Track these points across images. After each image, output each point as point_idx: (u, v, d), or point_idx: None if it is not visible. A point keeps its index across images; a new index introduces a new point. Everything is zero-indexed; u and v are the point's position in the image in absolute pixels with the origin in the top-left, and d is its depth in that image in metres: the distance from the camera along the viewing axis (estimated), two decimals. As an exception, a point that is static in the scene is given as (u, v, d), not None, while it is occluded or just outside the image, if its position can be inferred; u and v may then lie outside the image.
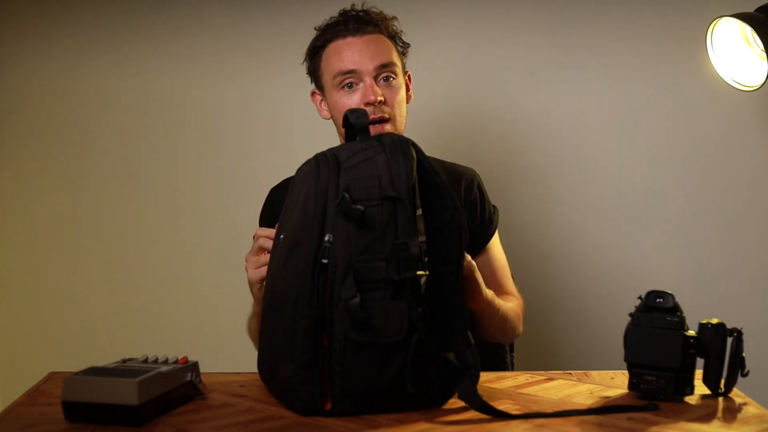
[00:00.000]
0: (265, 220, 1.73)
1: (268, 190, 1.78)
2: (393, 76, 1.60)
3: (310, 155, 1.77)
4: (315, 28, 1.65)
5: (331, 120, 1.70)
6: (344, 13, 1.62)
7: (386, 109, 1.58)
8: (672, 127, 2.27)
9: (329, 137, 2.25)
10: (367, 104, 1.56)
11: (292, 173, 1.74)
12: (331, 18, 1.63)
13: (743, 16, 1.83)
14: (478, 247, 1.68)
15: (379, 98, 1.56)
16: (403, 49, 1.67)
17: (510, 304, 1.60)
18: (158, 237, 2.31)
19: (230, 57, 2.29)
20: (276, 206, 1.69)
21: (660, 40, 2.25)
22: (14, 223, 2.31)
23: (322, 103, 1.67)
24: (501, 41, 2.28)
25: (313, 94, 1.70)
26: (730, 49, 1.93)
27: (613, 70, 2.27)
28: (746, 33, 1.91)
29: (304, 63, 1.68)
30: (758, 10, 1.87)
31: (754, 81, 1.90)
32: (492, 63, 2.28)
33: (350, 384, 1.08)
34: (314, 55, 1.66)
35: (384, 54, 1.59)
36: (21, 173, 2.30)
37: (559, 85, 2.28)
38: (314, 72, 1.67)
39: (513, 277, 1.73)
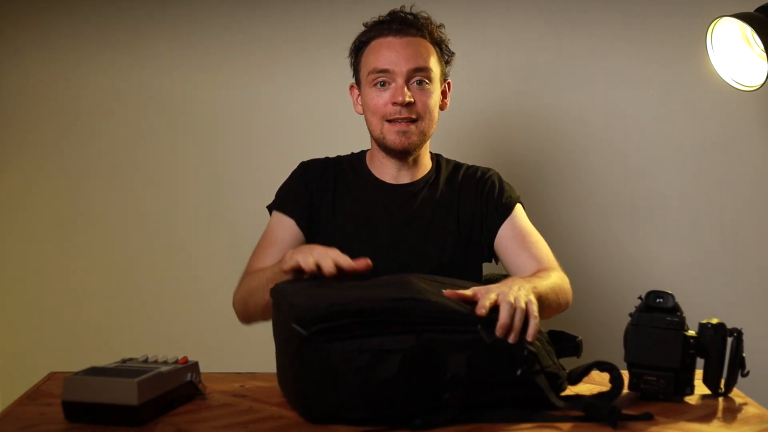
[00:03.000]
0: (295, 188, 1.71)
1: (268, 188, 1.77)
2: (426, 81, 1.62)
3: (309, 153, 1.79)
4: (363, 24, 1.68)
5: (350, 118, 1.75)
6: (392, 13, 1.65)
7: (414, 110, 1.61)
8: (672, 127, 2.27)
9: (329, 136, 2.26)
10: (395, 104, 1.60)
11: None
12: (380, 16, 1.66)
13: (743, 16, 1.83)
14: (499, 221, 1.68)
15: (408, 99, 1.59)
16: (448, 57, 1.69)
17: (551, 280, 1.51)
18: (158, 236, 2.31)
19: (230, 56, 2.29)
20: (307, 182, 1.69)
21: (660, 40, 2.24)
22: (14, 223, 2.30)
23: (359, 98, 1.70)
24: (501, 41, 2.28)
25: (351, 87, 1.73)
26: (730, 49, 1.93)
27: (612, 71, 2.27)
28: (746, 33, 1.91)
29: (349, 57, 1.70)
30: (758, 10, 1.87)
31: (754, 81, 1.90)
32: (492, 63, 2.28)
33: None
34: (357, 51, 1.68)
35: (420, 58, 1.61)
36: (21, 173, 2.30)
37: (558, 85, 2.28)
38: (355, 67, 1.70)
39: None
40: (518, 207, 1.71)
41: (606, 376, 1.40)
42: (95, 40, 2.28)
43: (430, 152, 1.76)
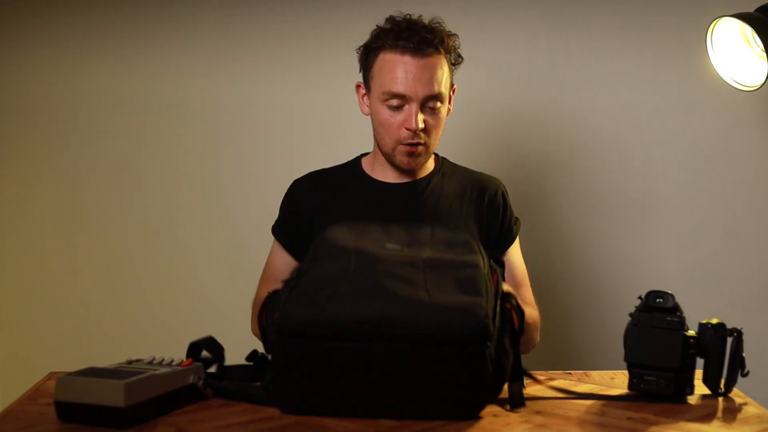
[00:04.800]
0: (285, 211, 1.74)
1: (270, 189, 1.78)
2: (439, 104, 1.61)
3: (312, 155, 1.79)
4: (377, 26, 1.63)
5: (357, 117, 1.74)
6: (409, 26, 1.58)
7: (423, 136, 1.61)
8: (672, 127, 2.27)
9: (331, 138, 2.26)
10: (408, 129, 1.59)
11: (294, 173, 1.78)
12: (396, 18, 1.61)
13: (743, 16, 1.83)
14: (497, 255, 1.68)
15: (420, 126, 1.58)
16: (457, 62, 1.66)
17: (527, 309, 1.60)
18: (159, 237, 2.30)
19: (232, 57, 2.28)
20: (297, 201, 1.72)
21: (660, 40, 2.24)
22: (15, 223, 2.30)
23: (365, 98, 1.68)
24: (500, 42, 2.28)
25: (358, 86, 1.70)
26: (730, 49, 1.93)
27: (612, 71, 2.27)
28: (746, 33, 1.91)
29: (357, 51, 1.67)
30: (758, 10, 1.87)
31: (754, 81, 1.89)
32: (491, 63, 2.28)
33: None
34: (369, 53, 1.64)
35: (436, 83, 1.58)
36: (21, 173, 2.30)
37: (558, 85, 2.28)
38: (365, 69, 1.66)
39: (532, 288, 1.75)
40: (516, 241, 1.75)
41: (605, 376, 1.40)
42: (97, 41, 2.28)
43: (435, 154, 1.76)
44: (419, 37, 1.57)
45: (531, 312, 1.61)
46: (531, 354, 1.66)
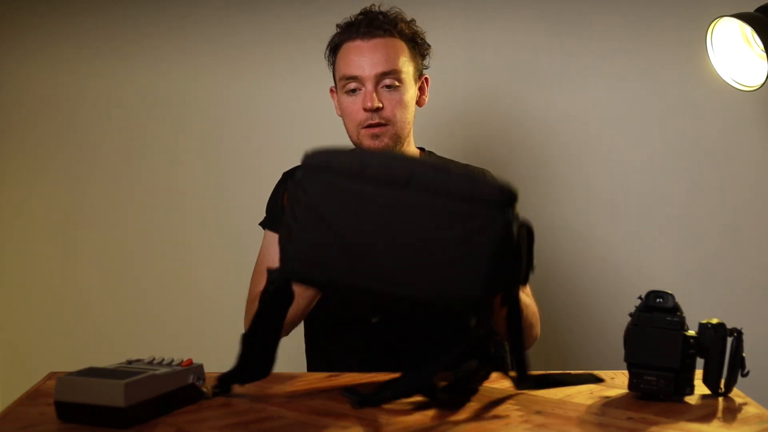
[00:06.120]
0: (279, 201, 1.74)
1: (270, 188, 1.78)
2: (396, 83, 1.61)
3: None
4: (336, 26, 1.67)
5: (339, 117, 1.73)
6: (362, 13, 1.64)
7: (384, 114, 1.61)
8: (672, 127, 2.27)
9: (330, 136, 2.25)
10: (365, 110, 1.61)
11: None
12: (351, 16, 1.65)
13: (743, 16, 1.83)
14: None
15: (377, 105, 1.60)
16: (423, 50, 1.68)
17: (528, 300, 1.58)
18: (160, 236, 2.31)
19: (231, 56, 2.29)
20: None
21: (660, 40, 2.25)
22: (15, 223, 2.30)
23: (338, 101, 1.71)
24: (501, 41, 2.28)
25: (331, 91, 1.73)
26: (730, 49, 1.93)
27: (612, 71, 2.27)
28: (746, 33, 1.91)
29: (325, 56, 1.71)
30: (758, 10, 1.87)
31: (754, 81, 1.90)
32: (492, 63, 2.28)
33: None
34: (332, 54, 1.69)
35: (388, 61, 1.60)
36: (21, 173, 2.30)
37: (558, 85, 2.28)
38: (332, 70, 1.70)
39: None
40: None
41: (605, 376, 1.40)
42: (97, 41, 2.28)
43: (422, 149, 1.76)
44: (368, 21, 1.62)
45: (528, 301, 1.58)
46: (532, 356, 1.65)
